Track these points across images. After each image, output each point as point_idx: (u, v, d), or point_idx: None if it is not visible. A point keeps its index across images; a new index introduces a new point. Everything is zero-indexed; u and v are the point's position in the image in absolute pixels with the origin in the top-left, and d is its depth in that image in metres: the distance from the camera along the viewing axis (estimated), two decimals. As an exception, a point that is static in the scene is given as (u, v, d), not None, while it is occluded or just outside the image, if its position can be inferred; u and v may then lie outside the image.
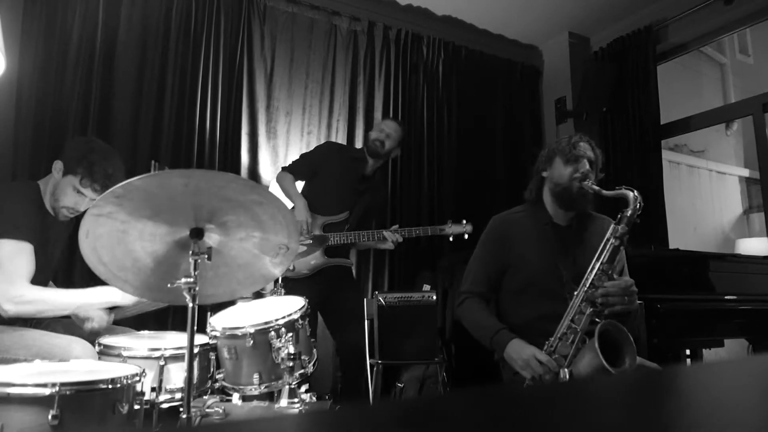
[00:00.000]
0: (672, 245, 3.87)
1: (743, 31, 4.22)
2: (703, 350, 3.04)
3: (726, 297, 2.87)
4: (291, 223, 1.42)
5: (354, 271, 3.02)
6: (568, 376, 1.61)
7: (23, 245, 1.72)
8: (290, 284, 2.42)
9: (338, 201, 2.78)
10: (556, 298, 1.76)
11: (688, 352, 2.91)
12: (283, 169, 2.88)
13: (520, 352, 1.69)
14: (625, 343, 1.58)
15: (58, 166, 1.88)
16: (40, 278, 1.80)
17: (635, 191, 1.69)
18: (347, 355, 2.77)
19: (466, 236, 2.82)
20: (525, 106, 4.59)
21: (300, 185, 2.88)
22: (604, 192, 1.75)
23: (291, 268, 2.61)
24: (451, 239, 2.86)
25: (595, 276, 1.66)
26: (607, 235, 1.70)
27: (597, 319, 1.63)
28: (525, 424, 0.32)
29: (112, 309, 1.99)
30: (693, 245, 4.61)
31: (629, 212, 1.68)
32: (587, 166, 1.83)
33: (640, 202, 1.68)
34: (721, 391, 0.39)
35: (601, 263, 1.67)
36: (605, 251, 1.68)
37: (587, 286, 1.67)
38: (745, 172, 6.18)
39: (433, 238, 3.90)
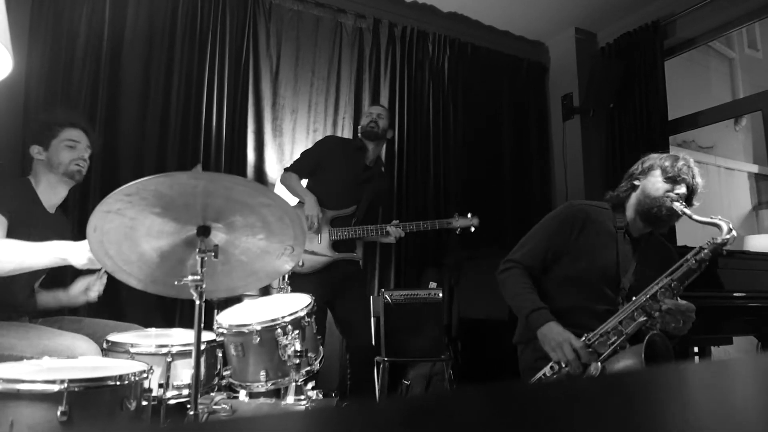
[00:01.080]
0: (680, 242, 3.84)
1: (752, 25, 4.17)
2: (712, 348, 3.01)
3: (735, 294, 2.85)
4: (297, 225, 1.43)
5: (361, 264, 3.02)
6: (598, 372, 1.61)
7: None
8: (299, 280, 2.43)
9: (344, 194, 2.80)
10: (603, 297, 1.77)
11: (696, 349, 2.89)
12: (286, 169, 2.90)
13: (555, 334, 1.67)
14: (666, 360, 1.57)
15: (35, 149, 1.95)
16: (29, 280, 1.79)
17: (730, 223, 1.67)
18: (357, 352, 2.77)
19: (473, 229, 2.84)
20: (531, 103, 4.57)
21: (304, 183, 2.89)
22: (695, 217, 1.72)
23: (300, 264, 2.62)
24: (458, 232, 2.87)
25: (660, 289, 1.66)
26: (689, 255, 1.68)
27: (646, 330, 1.62)
28: (532, 421, 0.32)
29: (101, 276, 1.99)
30: (701, 242, 4.58)
31: (719, 241, 1.67)
32: (684, 190, 1.80)
33: (733, 236, 1.66)
34: (729, 389, 0.39)
35: (670, 280, 1.66)
36: (679, 270, 1.67)
37: (648, 296, 1.66)
38: (754, 168, 6.13)
39: (440, 235, 3.90)
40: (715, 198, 5.74)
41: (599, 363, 1.62)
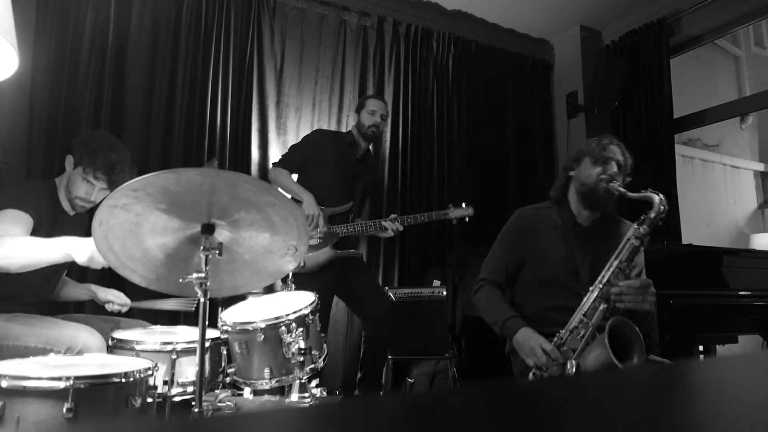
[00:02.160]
0: (685, 241, 3.83)
1: (759, 23, 4.15)
2: (717, 346, 3.00)
3: (740, 293, 2.84)
4: (302, 225, 1.43)
5: (364, 258, 3.00)
6: (574, 369, 1.64)
7: (21, 214, 1.75)
8: (301, 278, 2.43)
9: (337, 189, 2.76)
10: (571, 293, 1.80)
11: (701, 348, 2.88)
12: (275, 164, 2.82)
13: (527, 340, 1.74)
14: (634, 341, 1.60)
15: (69, 160, 1.94)
16: (53, 272, 1.81)
17: (661, 195, 1.69)
18: (373, 327, 2.73)
19: (467, 218, 2.84)
20: (535, 101, 4.55)
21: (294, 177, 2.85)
22: (629, 194, 1.76)
23: (301, 264, 2.61)
24: (453, 223, 2.88)
25: (612, 274, 1.69)
26: (628, 234, 1.72)
27: (609, 316, 1.65)
28: (534, 418, 0.32)
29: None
30: (706, 240, 4.55)
31: (652, 214, 1.69)
32: (615, 168, 1.84)
33: (664, 206, 1.69)
34: (733, 386, 0.39)
35: (619, 261, 1.70)
36: (624, 250, 1.71)
37: (603, 283, 1.70)
38: (760, 167, 6.10)
39: (443, 234, 3.90)
40: (721, 196, 5.71)
41: (573, 360, 1.65)
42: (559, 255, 1.88)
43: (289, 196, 2.73)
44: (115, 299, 2.06)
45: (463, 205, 2.87)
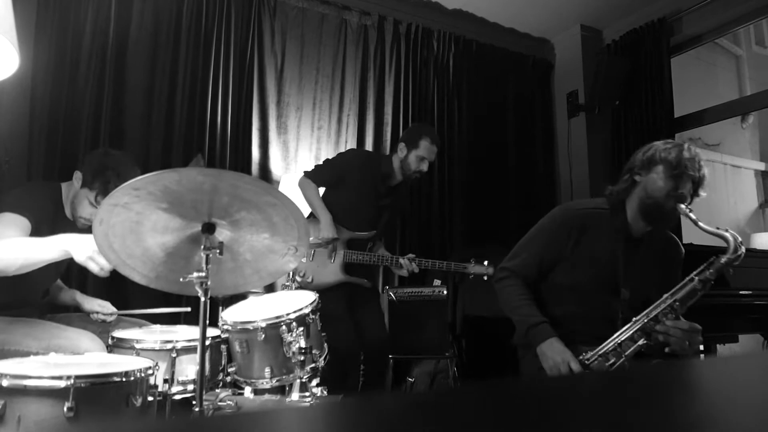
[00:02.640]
0: (686, 240, 3.82)
1: (760, 22, 4.14)
2: (717, 346, 3.00)
3: (741, 292, 2.83)
4: (302, 226, 1.43)
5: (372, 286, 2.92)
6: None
7: (18, 218, 1.74)
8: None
9: (361, 214, 2.70)
10: (605, 306, 1.71)
11: (701, 347, 2.88)
12: (306, 174, 2.74)
13: (554, 354, 1.63)
14: None
15: (77, 176, 1.91)
16: (49, 275, 1.81)
17: (738, 237, 1.57)
18: (371, 350, 2.72)
19: (486, 278, 2.68)
20: (536, 100, 4.55)
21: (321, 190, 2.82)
22: (701, 224, 1.60)
23: (309, 280, 2.60)
24: (471, 277, 2.76)
25: (661, 311, 1.59)
26: (693, 274, 1.60)
27: (645, 352, 1.58)
28: (535, 418, 0.32)
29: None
30: (707, 240, 4.55)
31: (724, 260, 1.57)
32: (689, 187, 1.68)
33: (740, 251, 1.56)
34: (734, 386, 0.39)
35: (674, 300, 1.59)
36: (682, 290, 1.59)
37: (649, 317, 1.59)
38: (761, 166, 6.09)
39: (443, 232, 3.91)
40: (722, 196, 5.71)
41: None
42: (602, 264, 1.75)
43: (309, 210, 2.69)
44: (101, 309, 2.04)
45: (485, 263, 2.73)
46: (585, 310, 1.73)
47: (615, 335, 1.62)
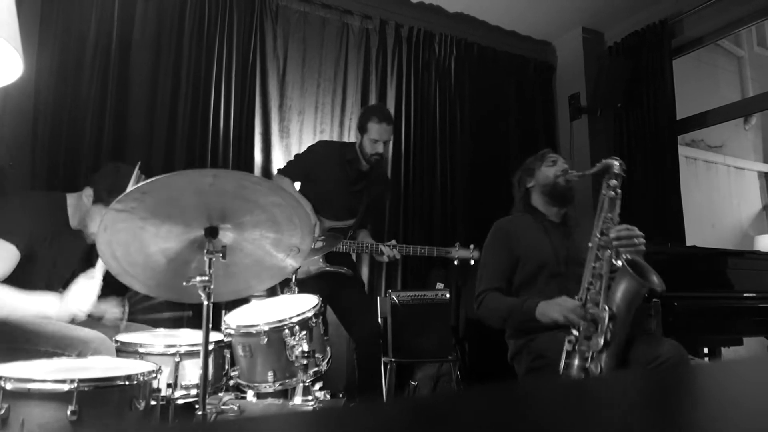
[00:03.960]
0: (689, 242, 3.82)
1: (761, 23, 4.14)
2: (722, 349, 2.99)
3: (745, 294, 2.82)
4: (306, 225, 1.43)
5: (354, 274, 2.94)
6: (608, 315, 1.70)
7: (6, 246, 1.71)
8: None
9: (338, 204, 2.74)
10: (564, 278, 1.94)
11: (706, 350, 2.87)
12: (279, 171, 2.84)
13: (551, 305, 1.81)
14: (647, 270, 1.74)
15: (88, 192, 1.90)
16: (42, 284, 1.81)
17: (616, 158, 1.94)
18: (362, 348, 2.72)
19: (472, 262, 2.76)
20: (538, 103, 4.55)
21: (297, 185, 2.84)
22: (588, 171, 2.03)
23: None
24: (456, 263, 2.80)
25: (603, 225, 1.87)
26: (602, 192, 1.92)
27: (615, 262, 1.78)
28: (538, 421, 0.32)
29: (124, 305, 2.04)
30: (711, 242, 4.54)
31: (616, 170, 1.91)
32: (564, 165, 2.13)
33: (621, 163, 1.93)
34: (739, 389, 0.38)
35: (604, 213, 1.88)
36: (604, 203, 1.90)
37: (598, 236, 1.86)
38: (764, 168, 6.07)
39: (446, 236, 3.90)
40: (725, 197, 5.69)
41: (605, 306, 1.72)
42: (545, 245, 2.03)
43: None
44: (109, 313, 2.01)
45: (471, 247, 2.79)
46: (553, 291, 1.91)
47: (586, 266, 1.84)
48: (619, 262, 1.73)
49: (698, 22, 3.96)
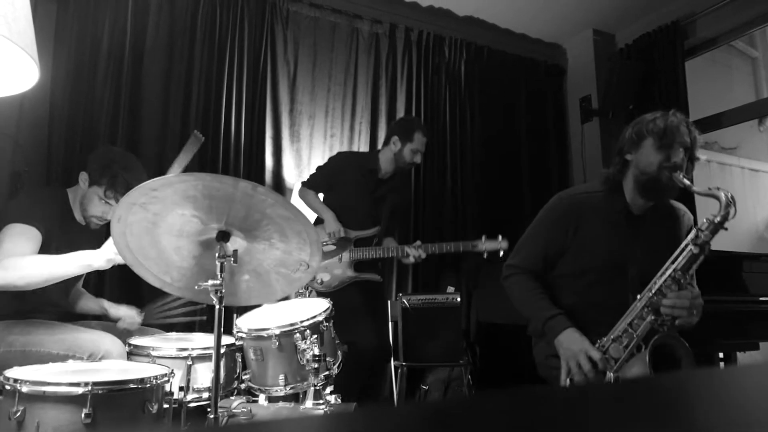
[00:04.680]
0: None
1: (776, 24, 4.09)
2: (738, 353, 2.95)
3: (760, 298, 2.78)
4: (314, 241, 1.44)
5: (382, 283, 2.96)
6: (613, 381, 1.54)
7: (29, 229, 1.76)
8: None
9: (360, 211, 2.78)
10: (615, 289, 1.67)
11: (721, 355, 2.83)
12: (303, 184, 2.92)
13: (572, 344, 1.60)
14: (684, 360, 1.50)
15: (83, 177, 1.94)
16: (66, 281, 1.84)
17: (729, 194, 1.55)
18: (369, 356, 2.74)
19: (502, 253, 2.64)
20: (549, 106, 4.53)
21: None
22: (695, 188, 1.61)
23: (319, 282, 2.63)
24: (485, 257, 2.70)
25: (664, 282, 1.56)
26: (686, 240, 1.57)
27: (659, 329, 1.55)
28: (549, 427, 0.32)
29: (141, 310, 2.06)
30: (725, 245, 4.47)
31: (718, 219, 1.54)
32: (681, 155, 1.65)
33: (732, 207, 1.54)
34: (756, 395, 0.38)
35: (674, 270, 1.56)
36: (681, 258, 1.56)
37: (653, 291, 1.56)
38: (780, 170, 5.99)
39: (457, 239, 3.88)
40: (739, 200, 5.60)
41: (612, 373, 1.55)
42: (607, 247, 1.71)
43: (315, 215, 2.78)
44: (126, 317, 2.04)
45: (500, 237, 2.68)
46: (596, 298, 1.69)
47: (623, 317, 1.59)
48: (649, 345, 1.48)
49: (711, 23, 3.92)
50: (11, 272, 1.65)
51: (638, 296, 1.59)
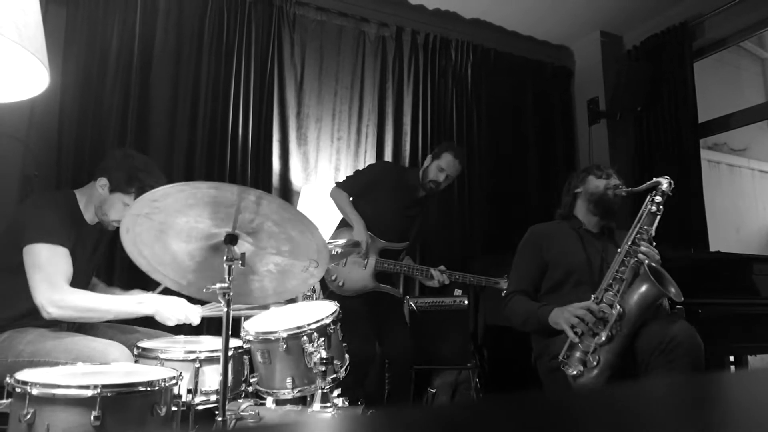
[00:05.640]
0: (713, 248, 3.74)
1: (786, 24, 4.05)
2: (749, 357, 2.92)
3: (772, 301, 2.75)
4: (320, 241, 1.46)
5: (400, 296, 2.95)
6: (617, 313, 1.77)
7: (59, 249, 1.78)
8: (341, 299, 2.48)
9: (389, 223, 2.76)
10: (592, 286, 1.93)
11: (732, 358, 2.80)
12: (337, 184, 2.84)
13: (561, 311, 1.87)
14: (667, 281, 1.79)
15: (102, 182, 1.93)
16: (77, 283, 1.86)
17: (666, 177, 2.01)
18: (395, 367, 2.74)
19: None
20: (556, 108, 4.52)
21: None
22: (636, 189, 2.08)
23: (340, 284, 2.64)
24: (504, 294, 2.79)
25: (636, 235, 1.94)
26: (645, 202, 1.99)
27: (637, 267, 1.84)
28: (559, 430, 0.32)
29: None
30: (735, 248, 4.44)
31: (664, 186, 1.99)
32: (616, 180, 2.17)
33: (671, 182, 2.01)
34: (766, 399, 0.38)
35: (640, 226, 1.96)
36: (643, 216, 1.97)
37: (629, 244, 1.93)
38: (790, 171, 5.93)
39: (464, 242, 3.89)
40: (749, 202, 5.57)
41: (617, 305, 1.78)
42: (577, 254, 2.08)
43: (341, 217, 2.78)
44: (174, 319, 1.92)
45: None
46: (581, 296, 1.92)
47: (609, 268, 1.92)
48: (642, 268, 1.80)
49: (720, 24, 3.89)
50: (76, 312, 1.77)
51: (617, 250, 1.95)
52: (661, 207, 1.98)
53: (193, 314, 1.90)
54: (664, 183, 2.00)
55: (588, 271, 2.04)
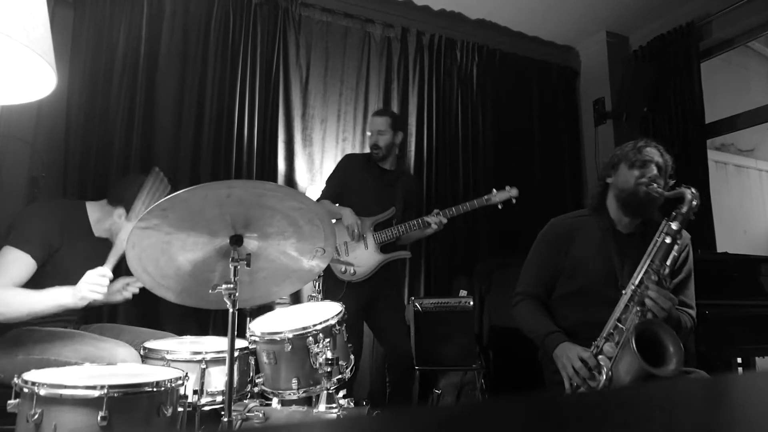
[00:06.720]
0: (720, 249, 3.72)
1: (794, 24, 4.02)
2: (756, 358, 2.90)
3: (780, 303, 2.73)
4: (327, 225, 1.46)
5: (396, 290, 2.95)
6: (606, 380, 1.58)
7: (23, 256, 1.76)
8: (339, 288, 2.54)
9: (375, 201, 2.79)
10: (611, 305, 1.69)
11: (739, 360, 2.78)
12: (318, 199, 2.87)
13: (564, 352, 1.68)
14: (670, 345, 1.53)
15: (119, 212, 1.94)
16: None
17: (693, 189, 1.67)
18: (396, 362, 2.74)
19: (514, 201, 2.82)
20: (562, 108, 4.51)
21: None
22: (666, 194, 1.72)
23: (352, 272, 2.65)
24: (499, 207, 2.83)
25: (645, 275, 1.64)
26: (658, 232, 1.68)
27: (642, 318, 1.60)
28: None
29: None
30: (743, 248, 4.41)
31: (684, 209, 1.65)
32: (654, 171, 1.77)
33: (696, 200, 1.65)
34: (776, 402, 0.37)
35: (651, 261, 1.65)
36: (655, 249, 1.66)
37: (636, 284, 1.64)
38: (798, 172, 5.89)
39: (469, 243, 3.87)
40: (757, 202, 5.53)
41: (606, 371, 1.59)
42: (597, 264, 1.80)
43: (334, 220, 2.77)
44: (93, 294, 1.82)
45: (507, 187, 2.82)
46: (594, 316, 1.72)
47: (613, 313, 1.65)
48: (627, 335, 1.56)
49: (727, 24, 3.87)
50: None
51: (622, 291, 1.67)
52: (678, 237, 1.65)
53: (100, 271, 1.73)
54: (688, 197, 1.66)
55: (609, 286, 1.76)
